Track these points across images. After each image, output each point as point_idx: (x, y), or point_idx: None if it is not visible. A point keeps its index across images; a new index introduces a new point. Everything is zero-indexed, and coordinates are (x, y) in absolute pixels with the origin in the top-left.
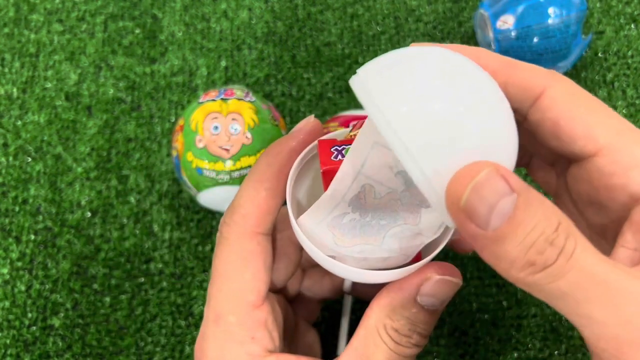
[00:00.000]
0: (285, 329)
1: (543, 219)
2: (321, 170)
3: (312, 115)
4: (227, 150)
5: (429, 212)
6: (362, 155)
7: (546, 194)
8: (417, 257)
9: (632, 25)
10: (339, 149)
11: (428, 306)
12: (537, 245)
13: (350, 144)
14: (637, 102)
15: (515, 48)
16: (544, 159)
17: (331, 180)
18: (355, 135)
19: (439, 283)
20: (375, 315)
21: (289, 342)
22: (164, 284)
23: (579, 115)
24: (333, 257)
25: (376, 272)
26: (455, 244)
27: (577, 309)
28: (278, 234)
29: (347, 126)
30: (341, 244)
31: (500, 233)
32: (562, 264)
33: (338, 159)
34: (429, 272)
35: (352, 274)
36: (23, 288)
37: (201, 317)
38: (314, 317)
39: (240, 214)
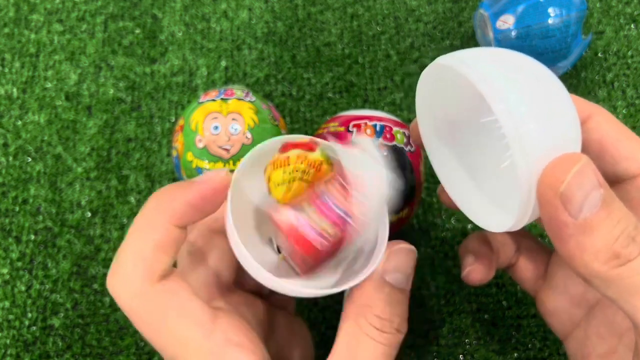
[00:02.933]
0: (270, 323)
1: (625, 216)
2: (322, 256)
3: (226, 170)
4: (227, 150)
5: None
6: (371, 217)
7: None
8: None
9: (632, 25)
10: (317, 229)
11: (396, 284)
12: (621, 239)
13: (310, 203)
14: (637, 102)
15: (515, 48)
16: None
17: (317, 257)
18: (294, 169)
19: (399, 254)
20: (353, 309)
21: (271, 335)
22: None
23: (623, 139)
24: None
25: (347, 283)
26: (471, 274)
27: None
28: (214, 235)
29: (347, 126)
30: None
31: (589, 222)
32: None
33: (323, 245)
34: (387, 248)
35: (317, 292)
36: (23, 288)
37: None
38: (291, 304)
39: (127, 273)
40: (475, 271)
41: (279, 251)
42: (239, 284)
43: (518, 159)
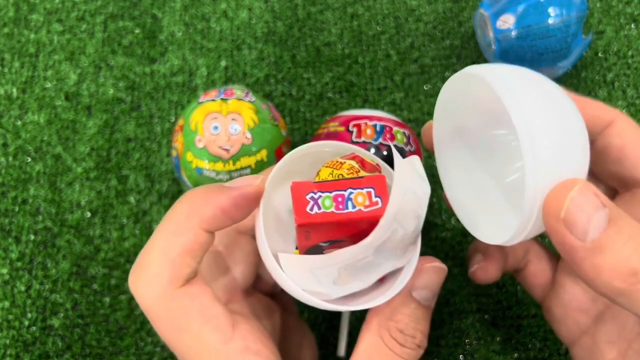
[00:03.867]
0: (283, 326)
1: (637, 231)
2: (295, 224)
3: (261, 177)
4: (226, 150)
5: (415, 248)
6: (398, 204)
7: None
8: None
9: (632, 25)
10: (315, 197)
11: (422, 300)
12: (636, 254)
13: (329, 190)
14: (637, 102)
15: (516, 48)
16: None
17: (305, 231)
18: (337, 174)
19: (430, 272)
20: (377, 321)
21: (285, 338)
22: None
23: None
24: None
25: (372, 300)
26: (477, 272)
27: None
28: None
29: (347, 126)
30: (341, 283)
31: (598, 243)
32: None
33: (314, 211)
34: (418, 265)
35: (344, 308)
36: (23, 288)
37: None
38: (294, 305)
39: (152, 274)
40: (482, 270)
41: (297, 248)
42: (254, 286)
43: (528, 174)
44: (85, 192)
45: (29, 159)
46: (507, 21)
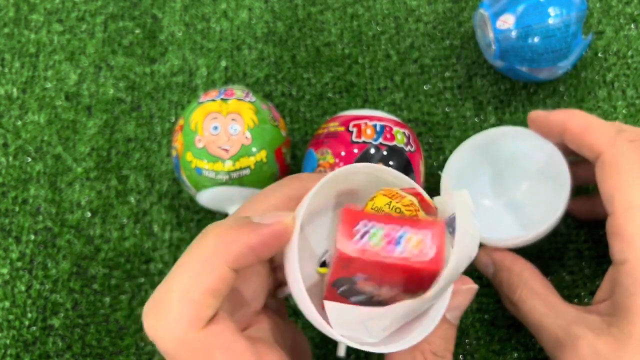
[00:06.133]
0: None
1: (509, 279)
2: (336, 254)
3: (293, 215)
4: (226, 150)
5: None
6: (460, 255)
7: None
8: None
9: (632, 25)
10: (366, 228)
11: (452, 320)
12: (508, 285)
13: (384, 222)
14: (637, 102)
15: (515, 48)
16: None
17: (343, 264)
18: (395, 206)
19: (465, 293)
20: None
21: (291, 352)
22: None
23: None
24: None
25: (414, 333)
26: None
27: None
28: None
29: (347, 126)
30: (391, 329)
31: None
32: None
33: (360, 245)
34: (454, 286)
35: (395, 348)
36: (23, 288)
37: None
38: (285, 311)
39: (173, 316)
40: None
41: (321, 265)
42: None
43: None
44: (86, 192)
45: (29, 159)
46: (507, 21)
